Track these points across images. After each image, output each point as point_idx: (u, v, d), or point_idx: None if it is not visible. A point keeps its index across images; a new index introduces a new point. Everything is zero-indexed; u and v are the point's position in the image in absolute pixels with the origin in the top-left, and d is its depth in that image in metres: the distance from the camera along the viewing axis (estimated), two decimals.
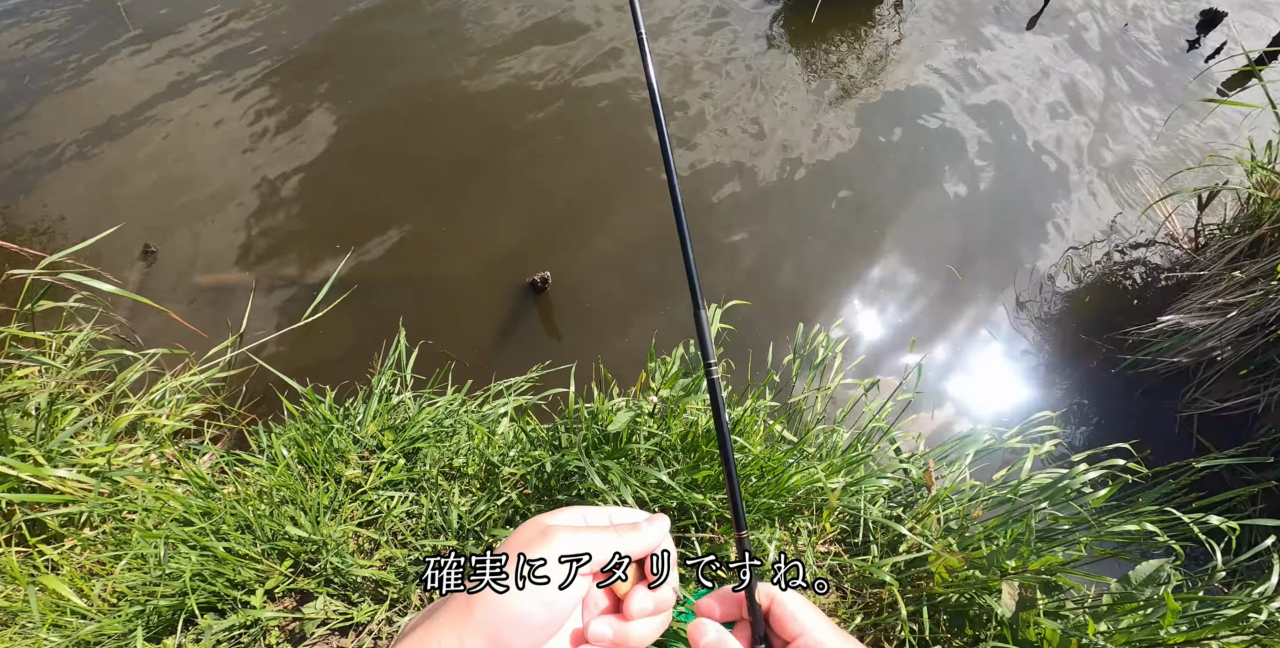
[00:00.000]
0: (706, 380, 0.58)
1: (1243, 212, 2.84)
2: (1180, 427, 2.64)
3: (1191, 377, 2.63)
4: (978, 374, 2.71)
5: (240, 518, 1.50)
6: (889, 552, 1.55)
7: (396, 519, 1.54)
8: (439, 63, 3.43)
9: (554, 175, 3.03)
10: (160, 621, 1.38)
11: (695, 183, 3.08)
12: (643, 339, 2.55)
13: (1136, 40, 4.24)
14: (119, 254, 2.58)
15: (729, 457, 0.57)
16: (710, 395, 0.58)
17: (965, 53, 3.92)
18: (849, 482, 1.56)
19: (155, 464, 1.84)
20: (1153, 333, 2.68)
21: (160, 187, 2.85)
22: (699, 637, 0.50)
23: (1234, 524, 1.45)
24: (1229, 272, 2.60)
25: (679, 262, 2.48)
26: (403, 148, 3.06)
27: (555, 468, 1.44)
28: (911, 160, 3.36)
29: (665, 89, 3.42)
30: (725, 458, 0.57)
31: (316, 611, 1.39)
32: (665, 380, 1.50)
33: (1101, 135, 3.65)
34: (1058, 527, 1.49)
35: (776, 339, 2.53)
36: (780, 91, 3.53)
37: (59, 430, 1.75)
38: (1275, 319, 2.37)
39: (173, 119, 3.09)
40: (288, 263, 2.66)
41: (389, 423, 1.74)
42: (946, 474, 1.66)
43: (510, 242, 2.79)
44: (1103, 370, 2.79)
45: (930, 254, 3.01)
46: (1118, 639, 1.26)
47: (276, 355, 2.42)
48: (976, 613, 1.41)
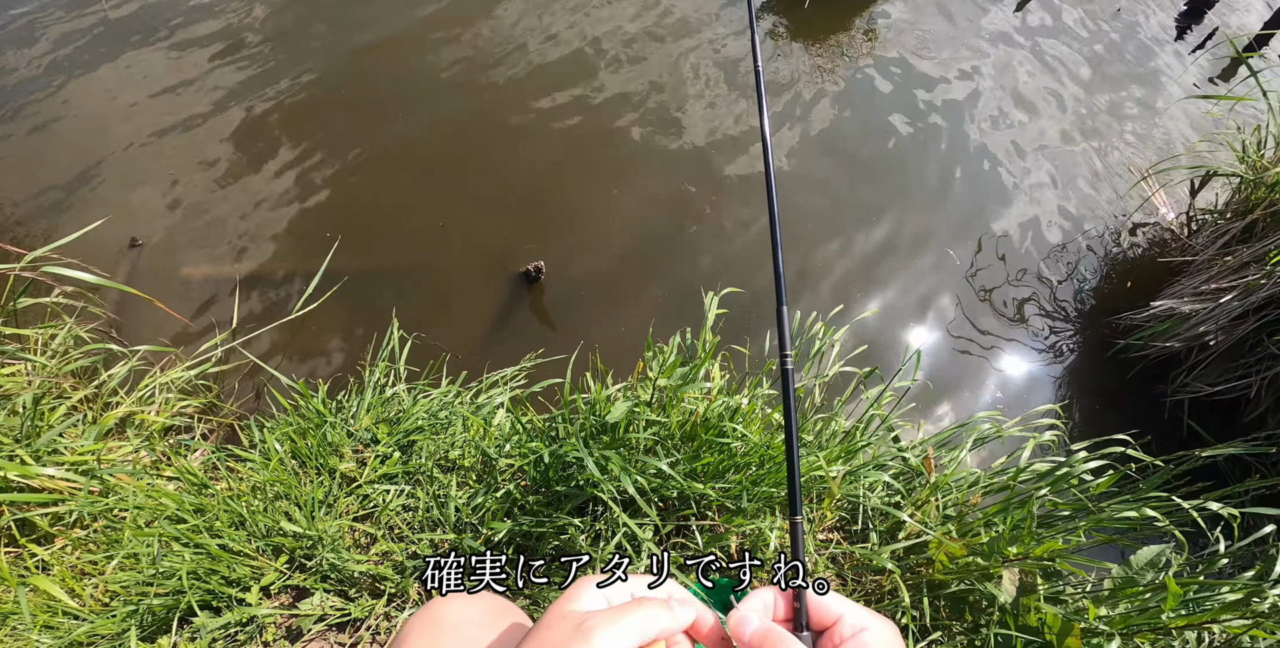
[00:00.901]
0: (780, 372, 0.59)
1: (1234, 197, 2.85)
2: (1171, 411, 2.66)
3: (1183, 361, 2.64)
4: (973, 360, 2.71)
5: (234, 514, 1.48)
6: (889, 539, 1.55)
7: (393, 513, 1.52)
8: (427, 55, 3.37)
9: (546, 165, 3.00)
10: (154, 620, 1.36)
11: (691, 167, 3.05)
12: (639, 327, 2.54)
13: (1127, 25, 4.23)
14: (103, 249, 2.53)
15: (793, 446, 0.57)
16: (783, 387, 0.59)
17: (955, 36, 3.90)
18: (848, 470, 1.55)
19: (146, 461, 1.81)
20: (1146, 318, 2.69)
21: (144, 178, 2.80)
22: (744, 629, 0.49)
23: (1234, 512, 1.45)
24: (1221, 257, 2.61)
25: (674, 249, 2.47)
26: (394, 139, 3.02)
27: (553, 459, 1.42)
28: (900, 147, 3.35)
29: (658, 71, 3.39)
30: (790, 447, 0.57)
31: (313, 607, 1.37)
32: (664, 369, 1.48)
33: (1092, 122, 3.64)
34: (1057, 513, 1.49)
35: (772, 327, 2.52)
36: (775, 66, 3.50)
37: (46, 428, 1.72)
38: (1267, 303, 2.38)
39: (155, 110, 3.03)
40: (277, 255, 2.62)
41: (383, 416, 1.72)
42: (946, 462, 1.66)
43: (503, 231, 2.76)
44: (1096, 355, 2.80)
45: (922, 240, 3.01)
46: (1118, 624, 1.26)
47: (267, 349, 2.39)
48: (976, 599, 1.41)
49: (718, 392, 1.57)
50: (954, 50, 3.82)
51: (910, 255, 2.95)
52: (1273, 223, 2.52)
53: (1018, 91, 3.69)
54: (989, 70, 3.76)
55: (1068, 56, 3.94)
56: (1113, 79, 3.89)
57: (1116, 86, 3.85)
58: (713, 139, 3.19)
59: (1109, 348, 2.76)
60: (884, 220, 3.03)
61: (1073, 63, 3.91)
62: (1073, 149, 3.49)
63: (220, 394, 2.27)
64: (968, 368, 2.69)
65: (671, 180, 3.01)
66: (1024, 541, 1.34)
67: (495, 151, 3.01)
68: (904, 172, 3.26)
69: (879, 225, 3.01)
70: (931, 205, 3.15)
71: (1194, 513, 1.36)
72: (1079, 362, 2.78)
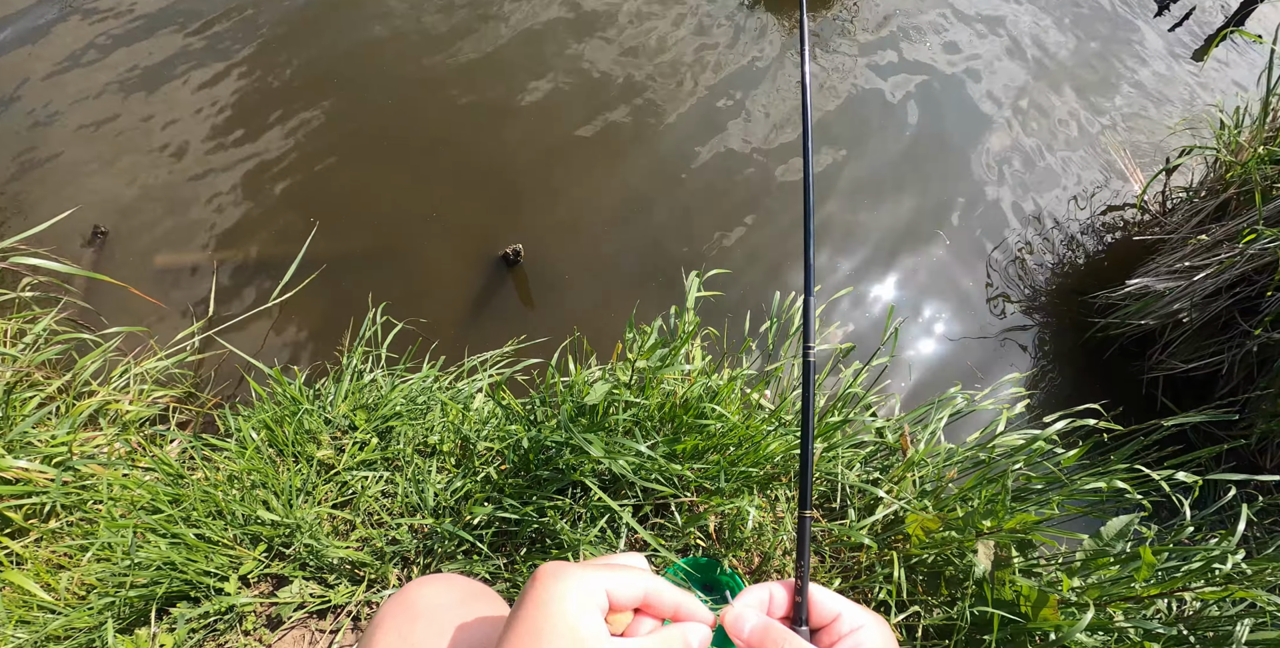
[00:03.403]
0: (803, 363, 0.59)
1: (1209, 175, 2.88)
2: (1146, 388, 2.70)
3: (1158, 339, 2.68)
4: (948, 337, 2.74)
5: (211, 504, 1.47)
6: (865, 515, 1.56)
7: (371, 499, 1.52)
8: (400, 40, 3.31)
9: (524, 146, 2.96)
10: (132, 611, 1.35)
11: (673, 146, 3.03)
12: (621, 309, 2.53)
13: (1106, 3, 4.24)
14: (65, 238, 2.47)
15: (809, 438, 0.57)
16: (804, 380, 0.59)
17: (937, 18, 3.88)
18: (825, 447, 1.56)
19: (121, 452, 1.78)
20: (1121, 296, 2.72)
21: (109, 162, 2.73)
22: (741, 625, 0.49)
23: (1197, 480, 1.48)
24: (1195, 235, 2.64)
25: (654, 230, 2.45)
26: (368, 122, 2.96)
27: (533, 444, 1.42)
28: (880, 123, 3.34)
29: (640, 62, 3.35)
30: (805, 440, 0.57)
31: (292, 594, 1.37)
32: (643, 351, 1.48)
33: (1070, 99, 3.65)
34: (1031, 486, 1.51)
35: (754, 308, 2.52)
36: (755, 51, 3.47)
37: (18, 420, 1.69)
38: (1239, 281, 2.42)
39: (112, 96, 2.95)
40: (251, 242, 2.58)
41: (361, 402, 1.71)
42: (921, 437, 1.68)
43: (482, 214, 2.73)
44: (1071, 333, 2.83)
45: (899, 217, 3.01)
46: (1092, 594, 1.29)
47: (243, 337, 2.36)
48: (953, 573, 1.43)
49: (698, 373, 1.57)
50: (936, 30, 3.81)
51: (889, 234, 2.96)
52: (1245, 201, 2.55)
53: (988, 70, 3.69)
54: (967, 47, 3.75)
55: (1048, 36, 3.94)
56: (1089, 58, 3.90)
57: (1093, 66, 3.86)
58: (699, 116, 3.17)
59: (1086, 328, 2.80)
60: (858, 196, 3.03)
61: (1051, 40, 3.91)
62: (1048, 125, 3.50)
63: (197, 383, 2.24)
64: (943, 350, 2.71)
65: (654, 160, 2.99)
66: (998, 514, 1.36)
67: (471, 133, 2.97)
68: (876, 149, 3.25)
69: (843, 201, 3.02)
70: (897, 183, 3.15)
71: (1164, 484, 1.38)
72: (1055, 340, 2.82)
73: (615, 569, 0.48)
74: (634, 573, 0.48)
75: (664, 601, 0.49)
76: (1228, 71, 4.03)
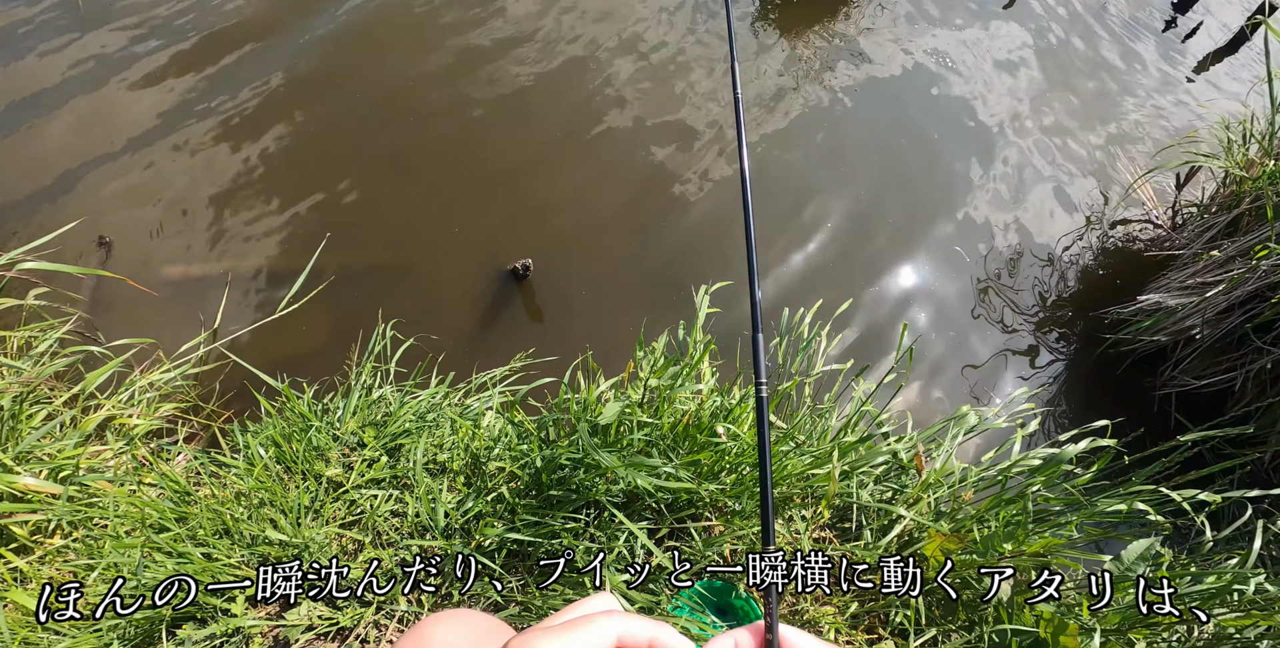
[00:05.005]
0: (755, 400, 0.57)
1: (1220, 191, 2.86)
2: (1160, 405, 2.67)
3: (1170, 355, 2.66)
4: (960, 353, 2.72)
5: (218, 522, 1.45)
6: (881, 537, 1.54)
7: (381, 519, 1.50)
8: (407, 55, 3.32)
9: (535, 161, 2.96)
10: (138, 633, 1.33)
11: (681, 159, 3.03)
12: (630, 326, 2.52)
13: (1113, 17, 4.25)
14: (71, 249, 2.47)
15: (767, 474, 0.55)
16: (757, 415, 0.58)
17: (935, 30, 3.89)
18: (842, 470, 1.54)
19: (128, 467, 1.77)
20: (1132, 312, 2.70)
21: (113, 173, 2.73)
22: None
23: (1216, 499, 1.46)
24: (1207, 251, 2.63)
25: (663, 244, 2.44)
26: (376, 136, 2.97)
27: (545, 463, 1.40)
28: (884, 140, 3.34)
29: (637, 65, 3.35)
30: (763, 474, 0.55)
31: (300, 616, 1.35)
32: (655, 370, 1.46)
33: (1077, 115, 3.65)
34: (1049, 508, 1.49)
35: (764, 324, 2.51)
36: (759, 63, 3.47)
37: (25, 432, 1.68)
38: (1252, 298, 2.40)
39: (128, 101, 2.96)
40: (259, 253, 2.57)
41: (369, 419, 1.69)
42: (936, 457, 1.66)
43: (490, 229, 2.72)
44: (1082, 349, 2.82)
45: (905, 232, 3.01)
46: (1113, 619, 1.26)
47: (251, 350, 2.35)
48: (970, 598, 1.41)
49: (709, 391, 1.56)
50: (933, 38, 3.82)
51: (898, 249, 2.95)
52: (1258, 217, 2.54)
53: (991, 87, 3.69)
54: (970, 59, 3.76)
55: (1054, 48, 3.95)
56: (1095, 72, 3.90)
57: (1100, 79, 3.86)
58: (706, 128, 3.17)
59: (1098, 344, 2.78)
60: (858, 208, 3.03)
61: (1058, 53, 3.92)
62: (1056, 141, 3.49)
63: (204, 396, 2.23)
64: (952, 366, 2.69)
65: (663, 173, 2.99)
66: (1018, 537, 1.34)
67: (482, 148, 2.97)
68: (887, 169, 3.25)
69: (845, 215, 3.01)
70: (908, 195, 3.14)
71: (1185, 504, 1.36)
72: (1067, 357, 2.80)
73: (584, 627, 0.46)
74: (601, 626, 0.47)
75: (638, 642, 0.48)
76: (1236, 85, 4.03)
